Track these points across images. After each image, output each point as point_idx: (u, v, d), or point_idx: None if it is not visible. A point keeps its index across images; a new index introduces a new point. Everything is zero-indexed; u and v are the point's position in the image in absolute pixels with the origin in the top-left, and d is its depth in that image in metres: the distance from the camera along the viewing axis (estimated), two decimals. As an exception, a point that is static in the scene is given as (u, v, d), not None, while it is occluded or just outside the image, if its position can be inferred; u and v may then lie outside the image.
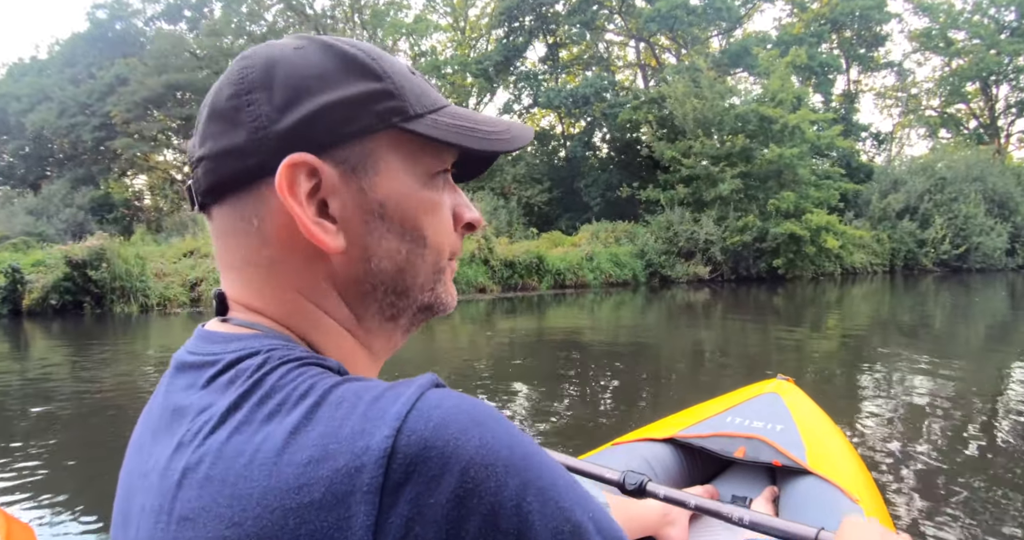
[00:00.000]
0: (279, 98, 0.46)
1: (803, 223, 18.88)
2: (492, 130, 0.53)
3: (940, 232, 23.76)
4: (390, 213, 0.50)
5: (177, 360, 0.51)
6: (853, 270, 22.28)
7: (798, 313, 12.81)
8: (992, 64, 33.12)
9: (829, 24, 29.55)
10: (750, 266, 19.92)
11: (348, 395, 0.39)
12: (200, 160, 0.49)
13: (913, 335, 9.34)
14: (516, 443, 0.38)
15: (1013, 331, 9.85)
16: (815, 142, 19.58)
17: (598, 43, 29.05)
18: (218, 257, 0.52)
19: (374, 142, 0.49)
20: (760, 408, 1.94)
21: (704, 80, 20.10)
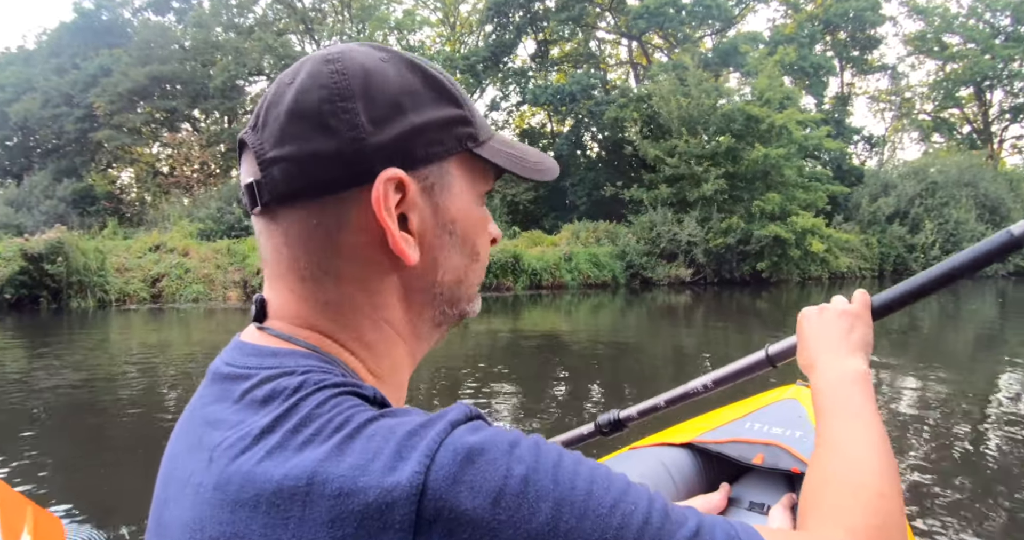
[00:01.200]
0: (377, 111, 0.46)
1: (788, 225, 17.98)
2: (533, 160, 0.57)
3: (930, 237, 23.03)
4: (457, 230, 0.52)
5: (214, 371, 0.50)
6: (841, 274, 21.42)
7: (784, 318, 12.10)
8: (986, 68, 32.42)
9: (822, 25, 28.64)
10: (733, 269, 18.99)
11: (382, 430, 0.39)
12: (276, 160, 0.47)
13: (903, 342, 9.08)
14: (545, 465, 0.38)
15: (1009, 339, 9.38)
16: (802, 143, 18.64)
17: (589, 41, 28.13)
18: (276, 262, 0.50)
19: (450, 164, 0.51)
20: (779, 414, 1.87)
21: (691, 78, 19.24)
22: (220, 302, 14.57)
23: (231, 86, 25.85)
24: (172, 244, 16.14)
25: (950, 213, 23.58)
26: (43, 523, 1.46)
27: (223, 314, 12.56)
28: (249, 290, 15.20)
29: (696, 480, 1.75)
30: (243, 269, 15.63)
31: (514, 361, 7.25)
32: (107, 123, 24.53)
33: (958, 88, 34.77)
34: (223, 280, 15.35)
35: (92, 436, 4.45)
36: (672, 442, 1.82)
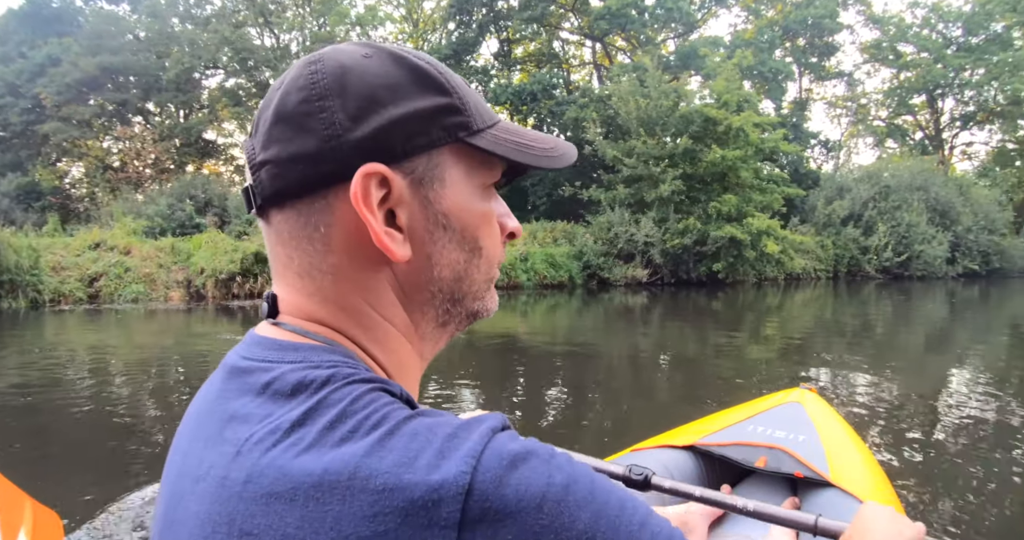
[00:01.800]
0: (352, 107, 0.46)
1: (744, 227, 17.80)
2: (543, 147, 0.54)
3: (883, 239, 23.15)
4: (453, 224, 0.50)
5: (229, 365, 0.49)
6: (796, 275, 21.39)
7: (739, 319, 12.00)
8: (938, 77, 32.99)
9: (782, 31, 28.74)
10: (690, 269, 18.77)
11: (422, 429, 0.39)
12: (263, 163, 0.48)
13: (859, 340, 8.98)
14: (582, 477, 0.39)
15: (968, 339, 9.35)
16: (759, 145, 18.48)
17: (553, 41, 27.78)
18: (275, 260, 0.51)
19: (440, 155, 0.49)
20: (782, 418, 1.87)
21: (650, 79, 18.97)
22: (161, 302, 13.84)
23: (186, 79, 24.88)
24: (113, 242, 15.30)
25: (902, 216, 23.72)
26: (41, 518, 1.42)
27: (164, 315, 11.87)
28: (192, 290, 14.48)
29: (698, 482, 1.71)
30: (187, 268, 14.87)
31: (470, 363, 6.96)
32: (55, 115, 23.45)
33: (911, 96, 35.36)
34: (165, 280, 14.59)
35: (31, 442, 4.09)
36: (674, 444, 1.79)
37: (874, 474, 1.72)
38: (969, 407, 4.89)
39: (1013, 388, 5.62)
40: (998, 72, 31.26)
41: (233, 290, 14.35)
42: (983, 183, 30.11)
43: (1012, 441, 4.10)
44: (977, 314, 13.36)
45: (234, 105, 25.04)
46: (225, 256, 14.52)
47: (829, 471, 1.60)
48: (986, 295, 18.72)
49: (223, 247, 14.91)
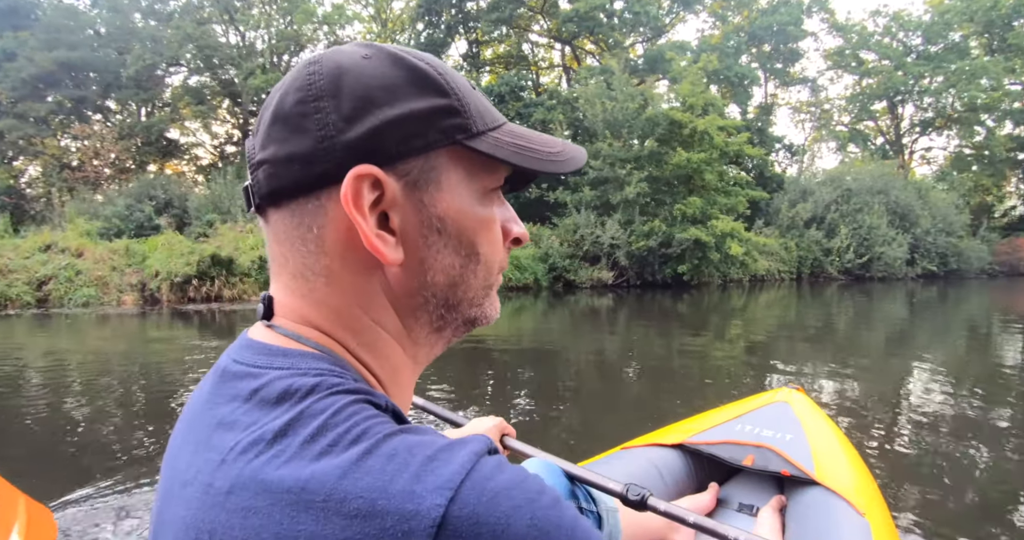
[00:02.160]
0: (347, 108, 0.45)
1: (709, 229, 17.77)
2: (549, 150, 0.53)
3: (845, 241, 23.41)
4: (448, 228, 0.49)
5: (222, 368, 0.49)
6: (761, 277, 21.46)
7: (704, 320, 11.87)
8: (899, 84, 33.58)
9: (747, 37, 28.95)
10: (655, 271, 18.67)
11: (401, 449, 0.37)
12: (261, 163, 0.48)
13: (821, 339, 8.95)
14: (565, 522, 0.37)
15: (932, 338, 9.45)
16: (723, 148, 18.49)
17: (522, 43, 27.60)
18: (272, 260, 0.51)
19: (437, 158, 0.48)
20: (770, 417, 1.87)
21: (616, 82, 18.87)
22: (114, 306, 13.24)
23: (148, 76, 24.13)
24: (65, 243, 14.59)
25: (864, 219, 24.01)
26: (35, 515, 1.40)
27: (117, 320, 11.34)
28: (147, 294, 13.92)
29: (686, 480, 1.72)
30: (141, 271, 14.27)
31: (434, 365, 6.64)
32: (10, 111, 22.57)
33: (873, 102, 35.95)
34: (118, 283, 13.98)
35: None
36: (663, 442, 1.79)
37: (859, 473, 1.72)
38: (936, 403, 4.95)
39: (980, 385, 5.71)
40: (956, 80, 31.92)
41: (189, 294, 13.82)
42: (941, 187, 30.69)
43: (985, 434, 4.14)
44: (937, 314, 13.44)
45: (197, 104, 24.38)
46: (181, 259, 13.99)
47: (815, 470, 1.61)
48: (944, 295, 18.89)
49: (180, 249, 14.38)
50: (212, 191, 19.60)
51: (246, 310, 12.22)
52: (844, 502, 1.50)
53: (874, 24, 35.54)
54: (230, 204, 18.25)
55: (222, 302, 13.62)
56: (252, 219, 17.42)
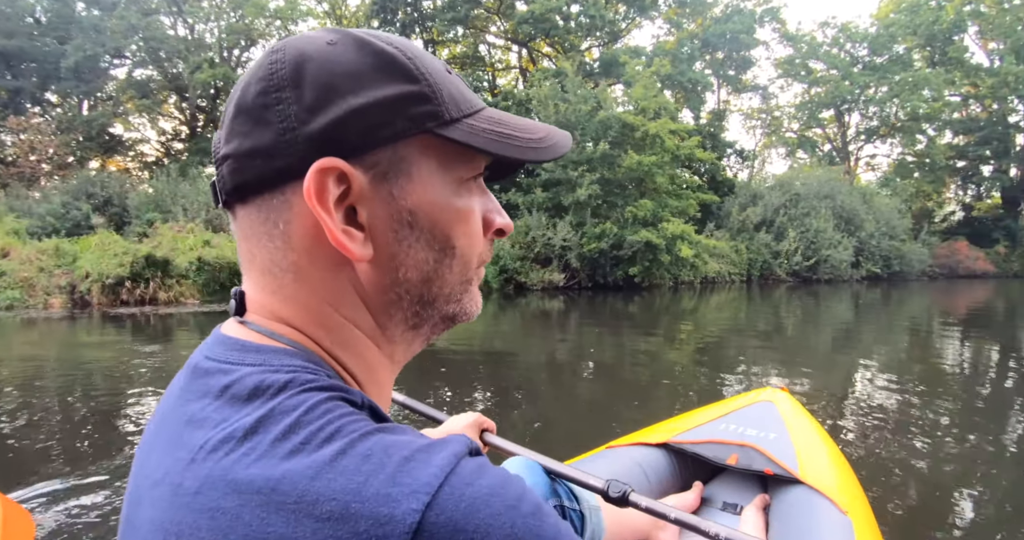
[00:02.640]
0: (309, 98, 0.43)
1: (659, 231, 17.68)
2: (530, 137, 0.49)
3: (793, 244, 23.67)
4: (420, 221, 0.47)
5: (193, 365, 0.47)
6: (712, 279, 21.51)
7: (655, 322, 11.72)
8: (845, 93, 34.25)
9: (701, 44, 29.12)
10: (607, 273, 18.50)
11: (377, 449, 0.36)
12: (225, 158, 0.46)
13: (768, 339, 8.94)
14: (546, 531, 0.35)
15: (864, 337, 9.46)
16: (674, 152, 18.44)
17: (479, 45, 27.24)
18: (241, 256, 0.49)
19: (406, 147, 0.45)
20: (754, 416, 1.88)
21: (570, 84, 18.65)
22: (40, 310, 12.39)
23: (90, 67, 22.94)
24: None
25: (811, 223, 24.34)
26: (12, 515, 1.37)
27: (44, 324, 10.57)
28: (76, 296, 13.08)
29: (671, 479, 1.72)
30: (71, 272, 13.38)
31: None
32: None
33: (821, 110, 36.67)
34: (46, 285, 13.08)
35: None
36: (648, 442, 1.79)
37: (842, 472, 1.71)
38: (902, 402, 4.98)
39: (941, 384, 5.81)
40: (899, 90, 32.76)
41: (121, 296, 13.00)
42: (885, 192, 31.41)
43: (955, 431, 4.19)
44: (882, 315, 13.62)
45: (141, 97, 23.29)
46: (114, 259, 13.17)
47: (798, 469, 1.61)
48: (888, 297, 19.21)
49: (113, 249, 13.55)
50: (155, 189, 18.69)
51: (183, 314, 11.56)
52: (827, 501, 1.49)
53: (823, 35, 36.32)
54: (172, 203, 17.40)
55: (157, 305, 12.87)
56: (192, 219, 16.76)
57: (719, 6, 30.51)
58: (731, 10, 30.26)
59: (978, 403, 5.06)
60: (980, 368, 6.81)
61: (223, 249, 14.28)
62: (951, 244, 32.50)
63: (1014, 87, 34.89)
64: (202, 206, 17.35)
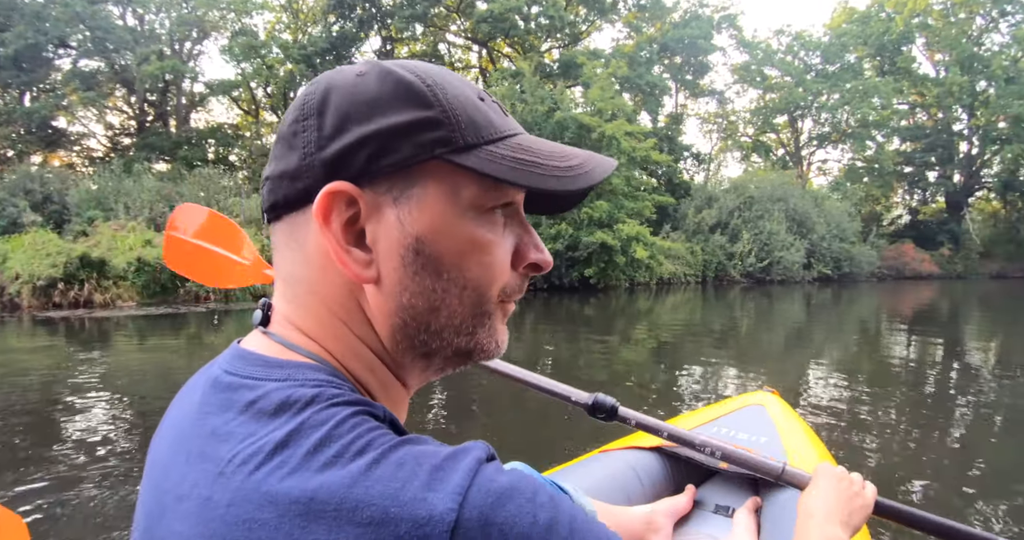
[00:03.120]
0: (328, 125, 0.45)
1: (615, 233, 17.52)
2: (557, 165, 0.47)
3: (747, 246, 23.82)
4: (427, 249, 0.46)
5: (212, 378, 0.47)
6: (667, 280, 21.50)
7: (611, 323, 11.57)
8: (799, 100, 34.71)
9: (659, 48, 29.17)
10: (563, 275, 18.30)
11: (408, 459, 0.37)
12: (266, 180, 0.49)
13: (724, 339, 8.82)
14: (563, 516, 0.38)
15: (816, 337, 9.39)
16: (630, 153, 18.30)
17: (439, 43, 26.77)
18: (275, 268, 0.52)
19: (419, 173, 0.45)
20: (746, 420, 1.91)
21: (527, 84, 18.38)
22: (-38, 316, 11.58)
23: (31, 57, 21.74)
24: None
25: (765, 225, 24.58)
26: (4, 522, 1.17)
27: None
28: (5, 299, 12.26)
29: (663, 483, 1.74)
30: (0, 273, 12.57)
31: None
32: None
33: (775, 115, 37.12)
34: (-32, 289, 12.25)
35: None
36: (641, 446, 1.80)
37: None
38: (842, 396, 5.10)
39: (884, 381, 5.95)
40: (850, 98, 33.32)
41: (54, 298, 12.23)
42: (836, 196, 31.92)
43: (927, 426, 4.31)
44: (833, 315, 13.72)
45: (86, 90, 22.18)
46: (47, 260, 12.37)
47: None
48: (838, 297, 19.44)
49: (47, 249, 12.74)
50: (98, 186, 17.76)
51: (120, 317, 10.88)
52: None
53: (778, 42, 36.82)
54: (114, 200, 16.55)
55: (92, 308, 12.13)
56: (135, 217, 15.94)
57: (678, 11, 30.66)
58: (690, 16, 30.42)
59: (953, 401, 5.22)
60: (936, 365, 7.10)
61: (166, 248, 13.59)
62: (898, 246, 33.21)
63: (958, 97, 35.94)
64: (146, 204, 16.56)
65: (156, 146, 23.37)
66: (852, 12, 38.82)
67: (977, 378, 6.19)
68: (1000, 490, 3.17)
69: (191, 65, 24.94)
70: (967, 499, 3.10)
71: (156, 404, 4.76)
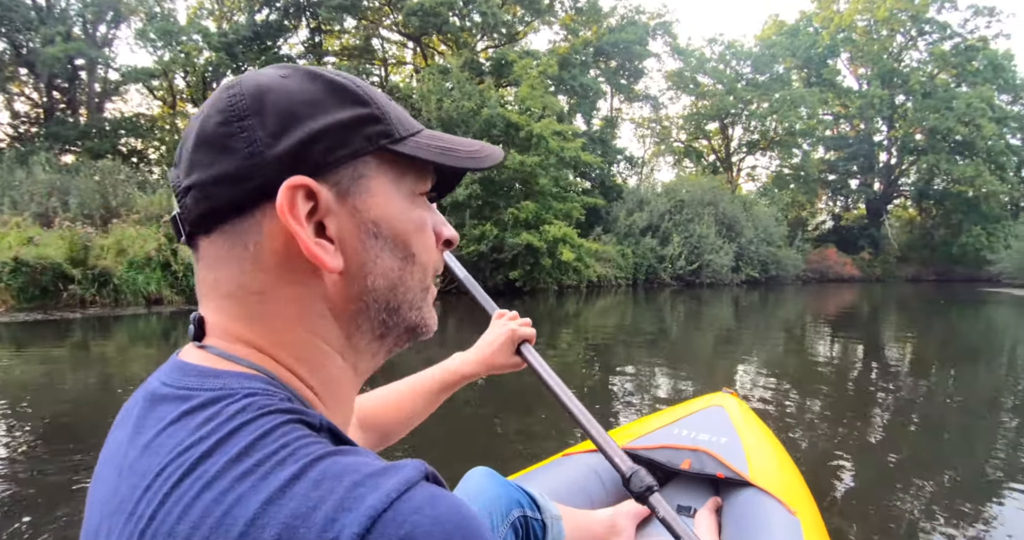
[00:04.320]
0: (272, 123, 0.45)
1: (541, 234, 16.62)
2: (468, 150, 0.54)
3: (677, 249, 23.41)
4: (384, 232, 0.49)
5: (149, 391, 0.46)
6: (598, 283, 20.87)
7: (537, 327, 10.53)
8: (730, 107, 34.93)
9: (595, 51, 28.67)
10: (488, 278, 17.27)
11: (330, 474, 0.35)
12: (188, 189, 0.46)
13: (653, 342, 8.66)
14: None
15: (744, 339, 9.38)
16: (559, 153, 17.50)
17: (371, 37, 25.48)
18: (201, 285, 0.49)
19: (365, 164, 0.48)
20: (706, 421, 1.92)
21: (454, 79, 17.42)
22: None
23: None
24: None
25: (695, 228, 24.23)
26: None
27: None
28: None
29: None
30: None
31: None
32: None
33: (707, 122, 37.29)
34: None
35: None
36: None
37: (790, 473, 1.76)
38: (776, 396, 5.21)
39: (823, 380, 6.07)
40: (778, 107, 33.71)
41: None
42: (764, 202, 32.11)
43: (883, 427, 4.40)
44: (759, 316, 13.82)
45: (-22, 73, 20.00)
46: None
47: (748, 471, 1.65)
48: (766, 299, 19.38)
49: None
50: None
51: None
52: (776, 502, 1.54)
53: (711, 51, 37.01)
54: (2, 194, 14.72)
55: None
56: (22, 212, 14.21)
57: (615, 16, 30.27)
58: (626, 21, 30.06)
59: (874, 396, 5.41)
60: (858, 363, 7.38)
61: (49, 248, 11.98)
62: (822, 251, 33.69)
63: (879, 109, 36.98)
64: (34, 198, 14.82)
65: (61, 136, 21.29)
66: (782, 25, 39.52)
67: (897, 374, 6.47)
68: (920, 471, 3.39)
69: (106, 51, 22.95)
70: (893, 480, 3.25)
71: (46, 422, 4.17)
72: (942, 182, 38.02)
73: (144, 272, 12.50)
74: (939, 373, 6.72)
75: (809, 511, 1.56)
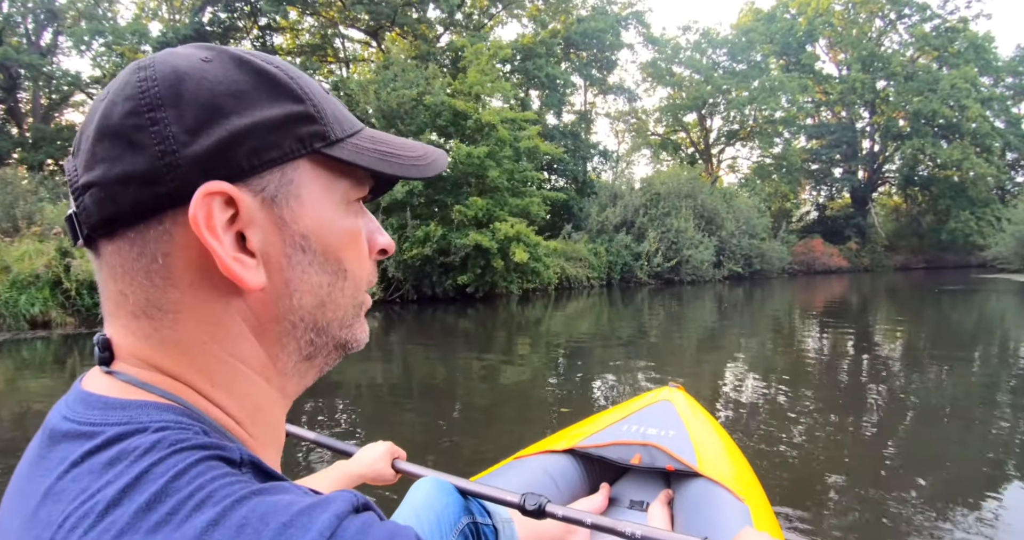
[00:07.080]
0: (190, 118, 0.38)
1: (491, 233, 14.27)
2: (411, 155, 0.47)
3: (654, 245, 21.13)
4: (313, 245, 0.42)
5: (50, 427, 0.40)
6: (568, 284, 18.70)
7: (489, 337, 9.48)
8: (707, 97, 33.03)
9: (564, 42, 26.52)
10: (435, 284, 14.92)
11: (253, 518, 0.31)
12: (88, 187, 0.39)
13: (636, 342, 8.27)
14: None
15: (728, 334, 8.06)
16: (512, 143, 15.26)
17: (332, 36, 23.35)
18: (107, 299, 0.42)
19: (295, 169, 0.41)
20: (654, 416, 1.89)
21: (396, 67, 15.26)
22: None
23: None
24: None
25: (672, 222, 21.97)
26: None
27: None
28: None
29: (579, 483, 1.73)
30: None
31: None
32: None
33: (684, 113, 35.32)
34: None
35: None
36: (554, 449, 1.78)
37: (737, 463, 1.75)
38: (755, 392, 5.12)
39: (794, 372, 5.93)
40: (757, 95, 31.87)
41: None
42: (745, 193, 29.96)
43: (827, 412, 4.33)
44: (742, 313, 12.76)
45: None
46: None
47: (698, 463, 1.64)
48: (751, 295, 17.72)
49: None
50: None
51: None
52: (725, 490, 1.54)
53: (686, 40, 35.02)
54: None
55: None
56: None
57: (585, 8, 28.14)
58: (596, 11, 27.94)
59: (843, 388, 5.27)
60: (840, 356, 7.09)
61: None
62: (807, 242, 31.71)
63: (860, 94, 35.05)
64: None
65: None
66: (758, 12, 37.61)
67: (887, 366, 6.30)
68: (911, 471, 3.20)
69: (52, 59, 20.90)
70: (842, 464, 3.26)
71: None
72: (927, 167, 36.09)
73: (28, 292, 10.42)
74: (920, 365, 6.48)
75: (757, 497, 1.57)
